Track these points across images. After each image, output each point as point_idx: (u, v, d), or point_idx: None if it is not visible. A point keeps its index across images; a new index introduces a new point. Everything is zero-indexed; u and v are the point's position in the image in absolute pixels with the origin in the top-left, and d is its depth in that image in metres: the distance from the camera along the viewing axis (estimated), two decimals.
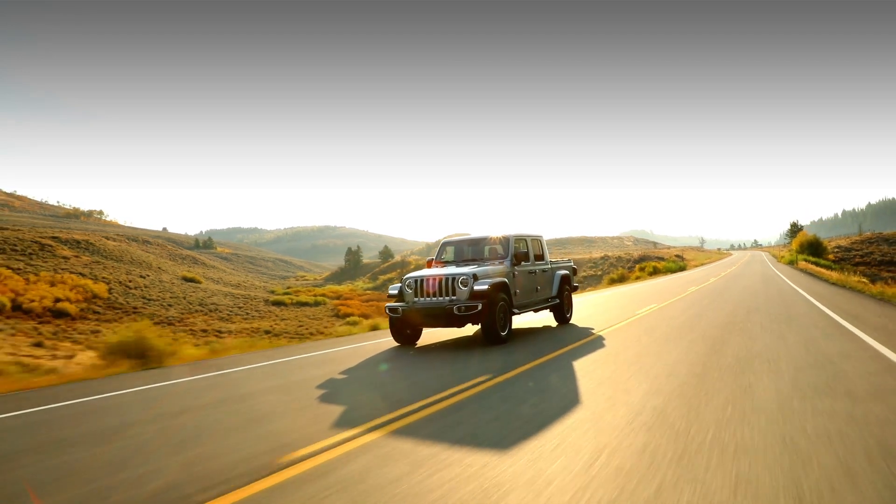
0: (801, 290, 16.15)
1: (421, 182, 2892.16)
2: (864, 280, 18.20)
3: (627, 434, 3.29)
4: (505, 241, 8.43)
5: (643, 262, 64.29)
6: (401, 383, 5.30)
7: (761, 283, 20.23)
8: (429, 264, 8.92)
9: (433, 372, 5.64)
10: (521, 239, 8.65)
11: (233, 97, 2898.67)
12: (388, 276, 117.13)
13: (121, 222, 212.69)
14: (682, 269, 49.43)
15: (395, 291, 7.92)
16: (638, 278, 39.45)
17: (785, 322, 8.72)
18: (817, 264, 39.15)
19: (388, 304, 7.86)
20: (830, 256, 53.98)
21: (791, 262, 46.19)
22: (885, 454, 2.82)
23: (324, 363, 6.95)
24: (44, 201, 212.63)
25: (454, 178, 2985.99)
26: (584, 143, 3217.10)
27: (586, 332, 8.55)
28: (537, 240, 9.32)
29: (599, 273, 64.79)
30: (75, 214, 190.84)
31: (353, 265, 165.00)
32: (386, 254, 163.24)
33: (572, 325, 9.58)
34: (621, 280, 41.34)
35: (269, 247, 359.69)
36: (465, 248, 8.82)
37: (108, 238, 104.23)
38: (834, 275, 24.13)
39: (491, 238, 8.72)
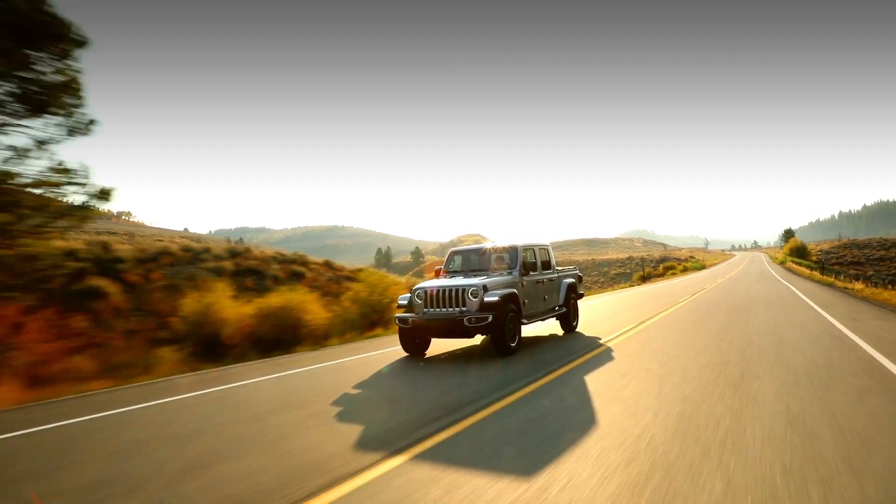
0: (777, 276, 33.82)
1: (425, 182, 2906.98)
2: (815, 272, 33.32)
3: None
4: (513, 250, 8.36)
5: (665, 261, 79.25)
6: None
7: (760, 274, 37.07)
8: (436, 273, 8.85)
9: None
10: (529, 248, 8.62)
11: (237, 98, 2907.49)
12: (431, 274, 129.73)
13: (147, 223, 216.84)
14: (703, 267, 64.24)
15: (405, 302, 7.85)
16: (673, 275, 53.40)
17: (767, 282, 27.09)
18: (800, 264, 54.40)
19: (397, 314, 7.80)
20: (813, 258, 69.11)
21: (781, 263, 61.47)
22: (757, 270, 21.23)
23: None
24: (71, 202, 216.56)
25: (458, 179, 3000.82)
26: (585, 143, 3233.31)
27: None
28: (545, 248, 9.33)
29: (628, 272, 79.02)
30: (107, 216, 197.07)
31: (383, 265, 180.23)
32: (417, 254, 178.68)
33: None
34: (653, 277, 54.91)
35: (280, 246, 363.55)
36: (473, 258, 8.76)
37: (183, 237, 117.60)
38: (798, 268, 42.56)
39: (498, 247, 8.67)
